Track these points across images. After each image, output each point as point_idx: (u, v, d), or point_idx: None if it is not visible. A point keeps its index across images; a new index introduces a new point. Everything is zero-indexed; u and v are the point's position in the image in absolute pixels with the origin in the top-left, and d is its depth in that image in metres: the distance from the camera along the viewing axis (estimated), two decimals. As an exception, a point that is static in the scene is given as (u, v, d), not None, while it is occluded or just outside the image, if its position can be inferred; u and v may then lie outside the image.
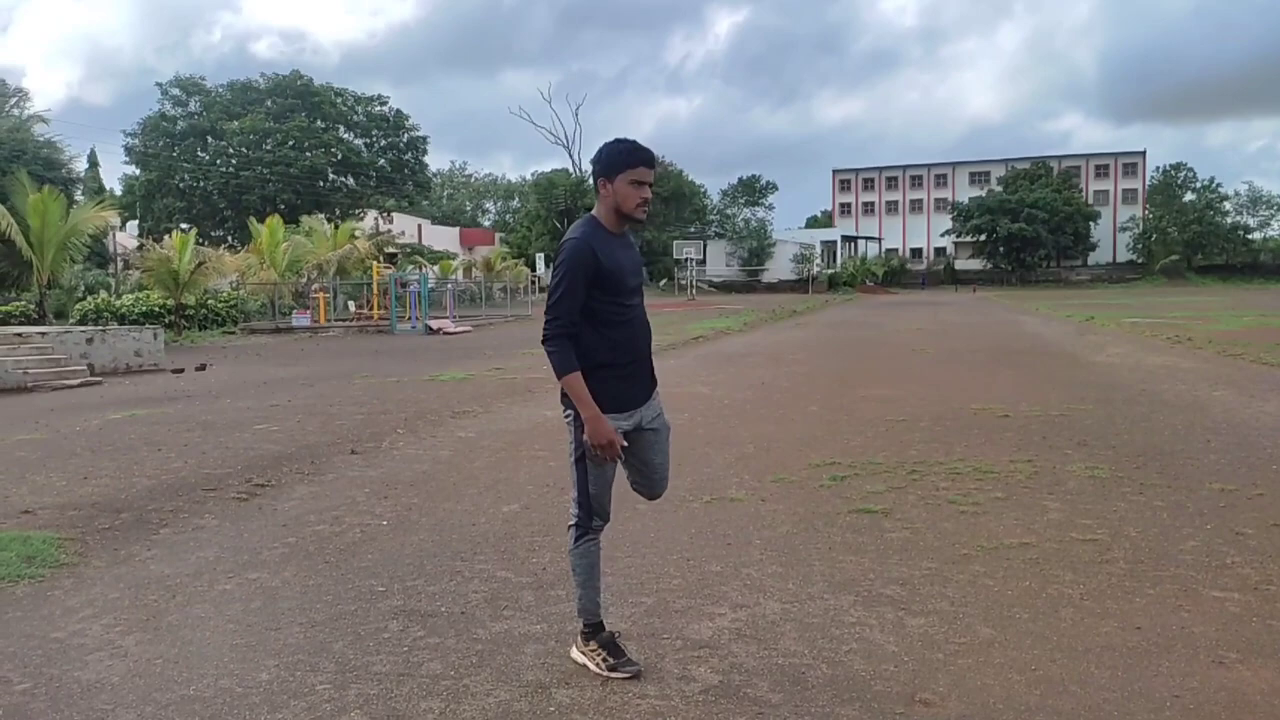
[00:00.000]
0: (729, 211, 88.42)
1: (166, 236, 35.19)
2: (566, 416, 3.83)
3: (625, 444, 3.75)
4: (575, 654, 3.87)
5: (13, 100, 58.19)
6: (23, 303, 29.21)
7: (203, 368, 18.36)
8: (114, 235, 42.01)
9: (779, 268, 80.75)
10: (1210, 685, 3.61)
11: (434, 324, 30.75)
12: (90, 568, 5.32)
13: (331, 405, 12.03)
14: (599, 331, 3.72)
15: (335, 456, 8.49)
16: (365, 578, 5.04)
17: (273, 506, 6.68)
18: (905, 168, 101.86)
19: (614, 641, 3.83)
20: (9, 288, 27.90)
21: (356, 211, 56.86)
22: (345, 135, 54.58)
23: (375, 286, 35.81)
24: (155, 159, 49.98)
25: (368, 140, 55.84)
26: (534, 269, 61.56)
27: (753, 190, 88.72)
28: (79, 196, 36.80)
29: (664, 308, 46.34)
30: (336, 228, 50.61)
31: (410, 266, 55.96)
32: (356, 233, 54.17)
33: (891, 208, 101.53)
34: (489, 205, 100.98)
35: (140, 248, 34.28)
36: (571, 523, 3.90)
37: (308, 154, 50.43)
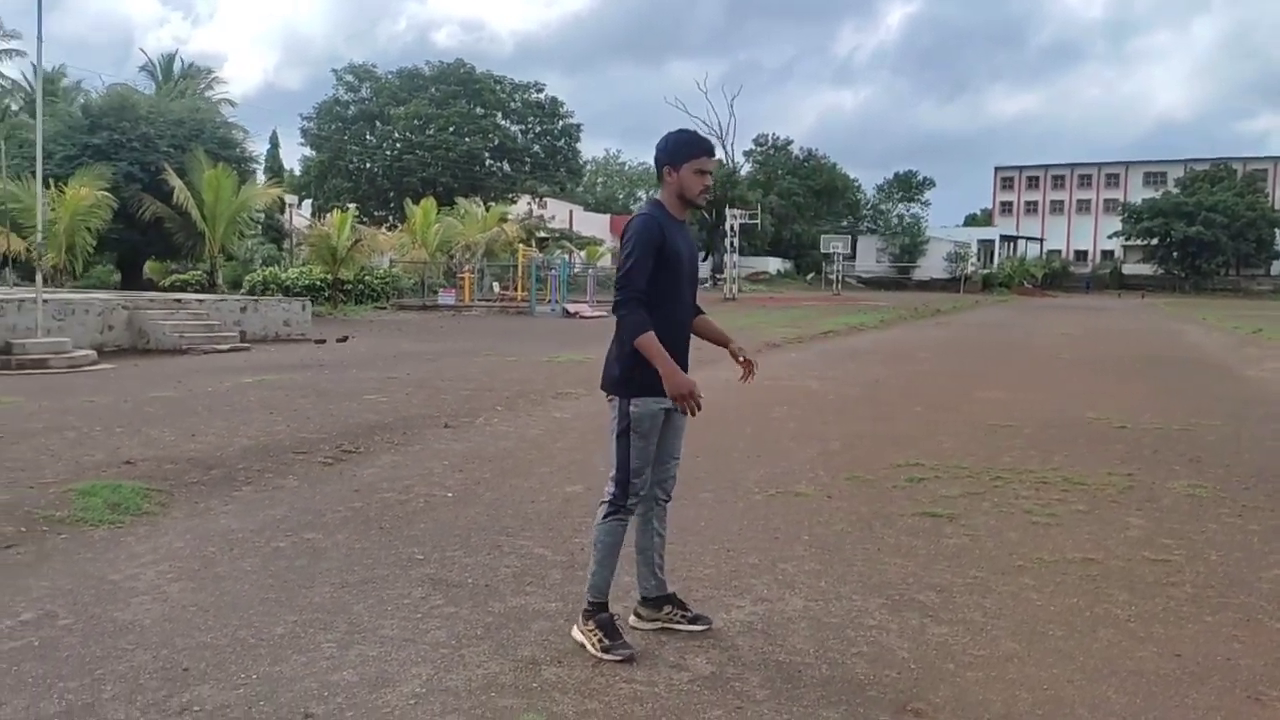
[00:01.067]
0: (883, 207, 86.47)
1: (329, 215, 36.97)
2: (611, 400, 3.95)
3: (702, 395, 3.79)
4: (575, 632, 3.92)
5: (204, 83, 62.42)
6: (198, 272, 31.31)
7: (344, 339, 19.26)
8: (291, 212, 44.53)
9: (931, 266, 78.50)
10: (1233, 721, 3.36)
11: (571, 307, 31.29)
12: (167, 518, 5.69)
13: (444, 380, 12.43)
14: (658, 310, 3.83)
15: (429, 429, 8.79)
16: (409, 545, 5.21)
17: (353, 473, 6.98)
18: (1073, 166, 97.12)
19: (612, 623, 3.86)
20: (185, 257, 29.91)
21: (510, 196, 58.29)
22: (502, 122, 56.07)
23: (520, 269, 36.73)
24: (327, 141, 52.63)
25: (523, 127, 57.20)
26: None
27: (909, 186, 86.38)
28: (261, 175, 39.16)
29: (804, 301, 45.82)
30: (488, 211, 52.29)
31: (558, 251, 57.17)
32: (508, 216, 55.77)
33: (1056, 207, 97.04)
34: (640, 193, 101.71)
35: (310, 225, 36.15)
36: (605, 499, 3.96)
37: (466, 139, 52.04)
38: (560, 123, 57.61)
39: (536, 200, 61.10)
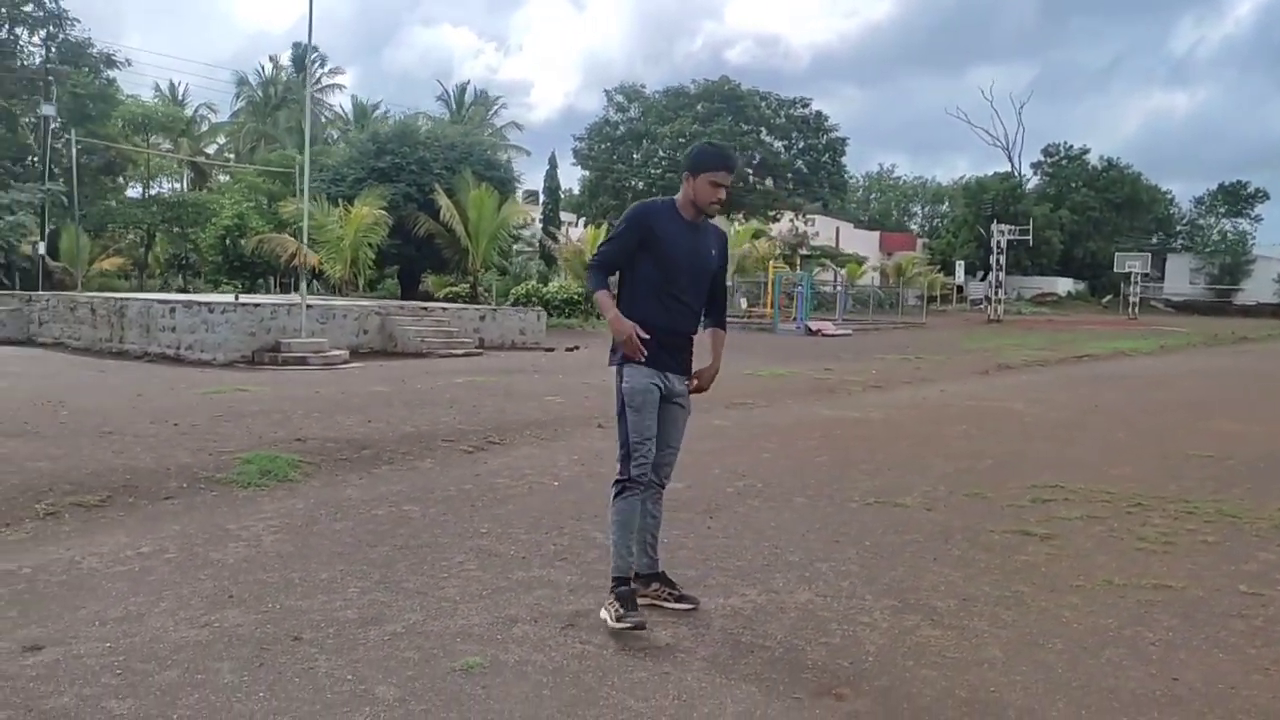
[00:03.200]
0: (1201, 222, 78.64)
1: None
2: (622, 383, 4.26)
3: (646, 338, 4.08)
4: (602, 611, 4.11)
5: (491, 110, 67.59)
6: (467, 284, 33.99)
7: (573, 349, 20.38)
8: (567, 230, 47.31)
9: (1259, 288, 70.20)
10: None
11: (814, 325, 31.18)
12: (305, 486, 6.55)
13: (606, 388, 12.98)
14: (655, 299, 4.18)
15: (581, 428, 9.34)
16: (484, 522, 5.72)
17: (485, 460, 7.63)
18: None
19: (631, 596, 4.07)
20: (452, 271, 32.58)
21: (773, 213, 58.66)
22: (766, 138, 56.53)
23: (770, 285, 37.01)
24: (596, 161, 55.32)
25: (787, 143, 57.35)
26: (953, 276, 59.42)
27: (1236, 198, 77.26)
28: (521, 194, 41.77)
29: (1087, 325, 42.98)
30: (740, 227, 52.87)
31: (817, 268, 56.88)
32: (768, 233, 56.12)
33: None
34: (914, 208, 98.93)
35: (566, 242, 38.30)
36: (614, 479, 4.26)
37: (728, 157, 53.04)
38: (824, 137, 57.27)
39: (799, 216, 61.18)
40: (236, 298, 19.64)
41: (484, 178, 28.77)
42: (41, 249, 24.91)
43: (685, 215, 4.27)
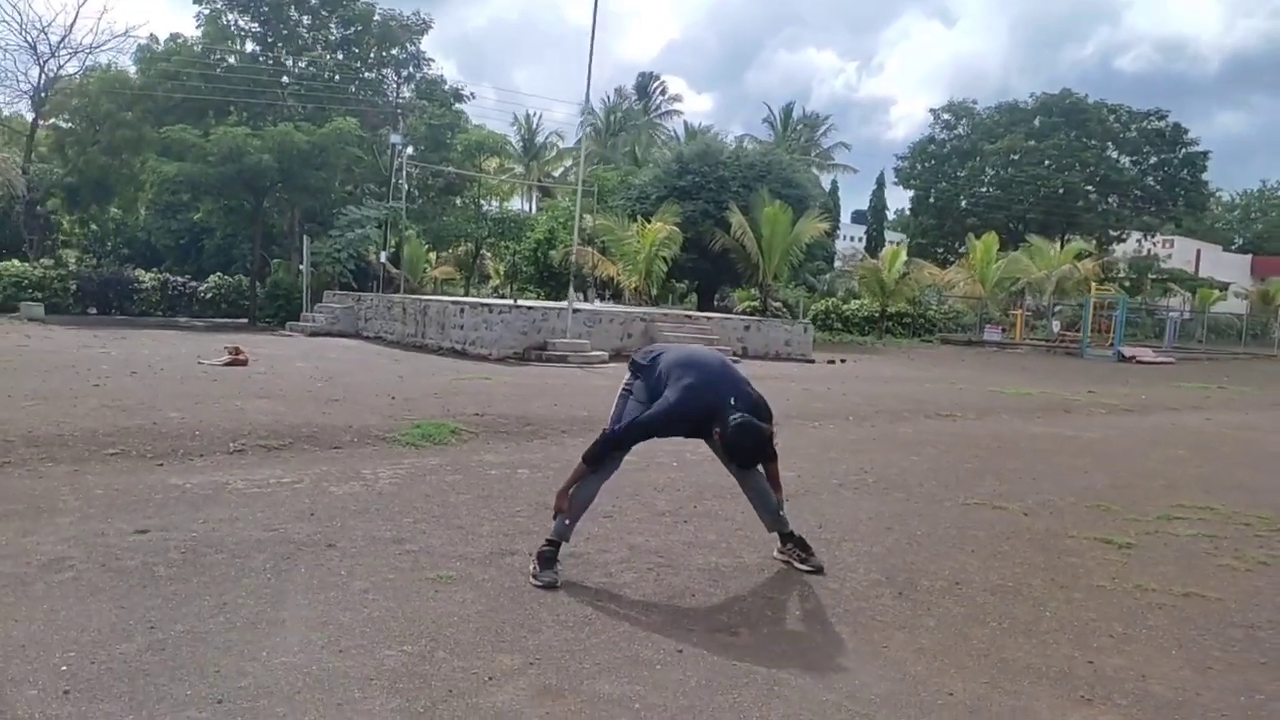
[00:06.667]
0: None
1: (885, 248, 38.42)
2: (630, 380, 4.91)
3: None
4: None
5: (820, 130, 68.08)
6: (759, 299, 34.80)
7: (833, 362, 20.54)
8: (892, 249, 47.00)
9: None
10: None
11: (1128, 351, 28.91)
12: (454, 448, 7.60)
13: (842, 391, 13.14)
14: None
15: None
16: (520, 502, 6.27)
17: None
18: None
19: (548, 557, 4.44)
20: (745, 285, 33.53)
21: (1116, 233, 54.42)
22: (1110, 153, 52.59)
23: (1090, 309, 34.63)
24: (919, 179, 54.17)
25: (1135, 158, 52.94)
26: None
27: None
28: (814, 211, 41.64)
29: None
30: (1099, 246, 49.44)
31: (1163, 294, 51.96)
32: (1116, 253, 52.11)
33: None
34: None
35: (861, 259, 38.12)
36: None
37: (1063, 173, 49.90)
38: (1181, 152, 52.23)
39: (1148, 237, 56.16)
40: (515, 301, 21.68)
41: (780, 195, 29.41)
42: (384, 258, 28.81)
43: None
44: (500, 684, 3.26)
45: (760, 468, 4.76)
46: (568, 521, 4.61)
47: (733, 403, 4.40)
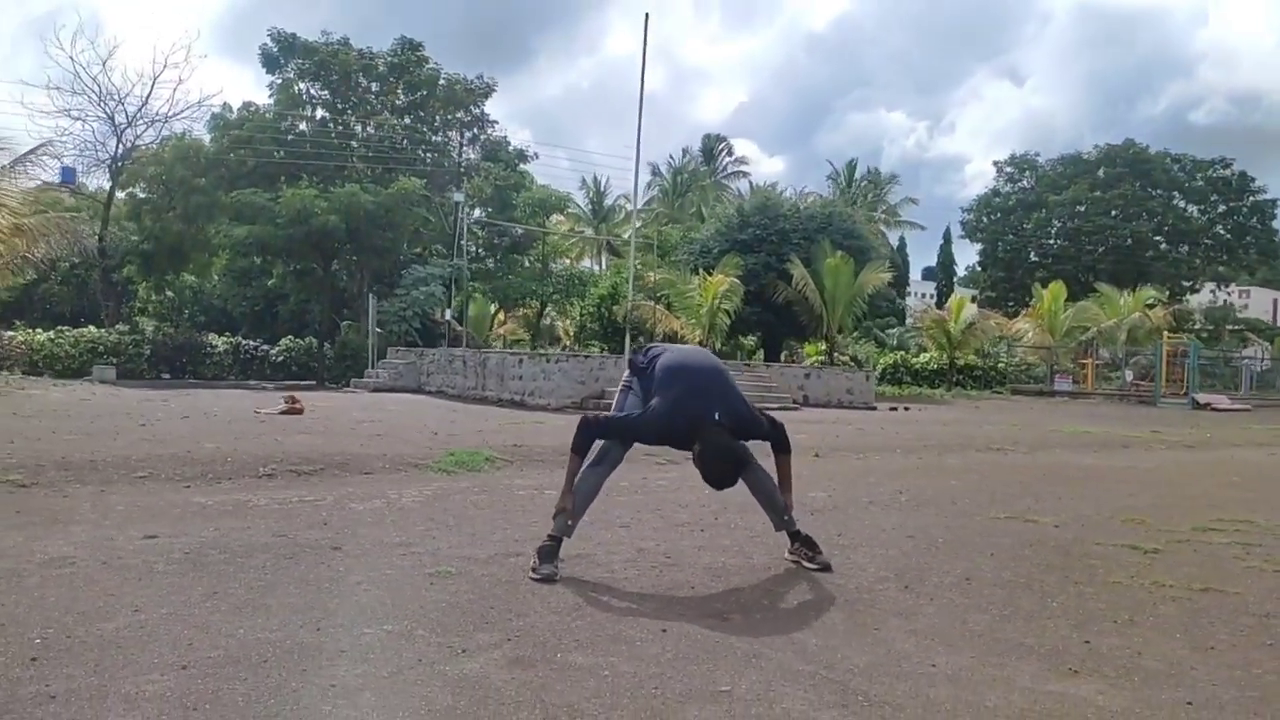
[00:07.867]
0: None
1: (951, 299, 37.93)
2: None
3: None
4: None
5: (885, 187, 67.91)
6: (826, 352, 34.55)
7: (895, 409, 20.23)
8: (966, 304, 46.43)
9: None
10: None
11: (1203, 398, 27.96)
12: (485, 475, 7.65)
13: (895, 431, 12.91)
14: None
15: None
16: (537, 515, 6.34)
17: (643, 475, 8.08)
18: None
19: (548, 551, 4.44)
20: (809, 337, 33.34)
21: (1190, 283, 53.10)
22: (1177, 202, 51.58)
23: (1164, 358, 33.66)
24: (984, 232, 53.66)
25: (1202, 207, 51.81)
26: None
27: None
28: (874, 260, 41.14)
29: None
30: (1172, 296, 48.20)
31: (1241, 344, 50.31)
32: (1187, 300, 50.70)
33: None
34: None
35: (925, 310, 37.68)
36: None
37: (1131, 223, 49.06)
38: (1249, 200, 50.98)
39: (1224, 288, 54.75)
40: (570, 351, 21.81)
41: (841, 246, 29.33)
42: (449, 314, 29.32)
43: None
44: (472, 655, 3.24)
45: (765, 466, 4.70)
46: (570, 521, 4.59)
47: (716, 418, 4.28)
